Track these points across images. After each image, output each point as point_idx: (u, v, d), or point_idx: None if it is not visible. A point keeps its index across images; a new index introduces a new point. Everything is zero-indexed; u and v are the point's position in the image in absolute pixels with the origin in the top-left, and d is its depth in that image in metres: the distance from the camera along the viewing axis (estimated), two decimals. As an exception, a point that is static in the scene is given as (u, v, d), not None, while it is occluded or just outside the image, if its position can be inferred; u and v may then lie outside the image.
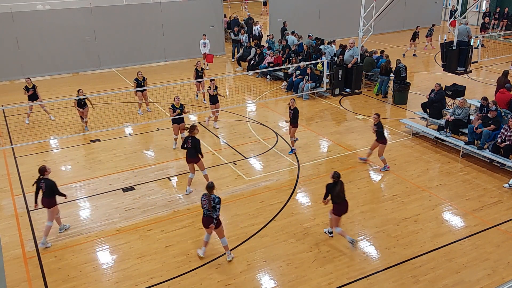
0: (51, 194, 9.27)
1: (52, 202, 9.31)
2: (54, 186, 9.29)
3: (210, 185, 8.37)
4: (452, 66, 17.18)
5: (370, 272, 8.45)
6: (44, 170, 9.31)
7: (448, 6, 33.28)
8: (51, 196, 9.29)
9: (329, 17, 27.16)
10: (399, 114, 16.10)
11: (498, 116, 12.42)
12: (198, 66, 16.73)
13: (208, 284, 8.24)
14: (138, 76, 15.78)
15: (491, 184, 11.40)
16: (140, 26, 22.75)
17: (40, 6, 20.83)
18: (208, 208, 8.32)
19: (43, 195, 9.32)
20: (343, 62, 18.00)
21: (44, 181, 9.24)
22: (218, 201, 8.30)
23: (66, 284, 8.32)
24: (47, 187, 9.22)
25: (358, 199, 10.81)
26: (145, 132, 15.08)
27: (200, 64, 16.82)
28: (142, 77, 15.81)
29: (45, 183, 9.24)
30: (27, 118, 15.74)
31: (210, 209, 8.29)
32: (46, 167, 9.38)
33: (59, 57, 21.51)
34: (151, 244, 9.35)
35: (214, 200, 8.27)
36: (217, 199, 8.30)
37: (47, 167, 9.41)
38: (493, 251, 8.97)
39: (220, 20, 24.84)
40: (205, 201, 8.31)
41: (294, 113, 12.60)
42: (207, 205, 8.31)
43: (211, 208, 8.28)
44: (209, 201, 8.27)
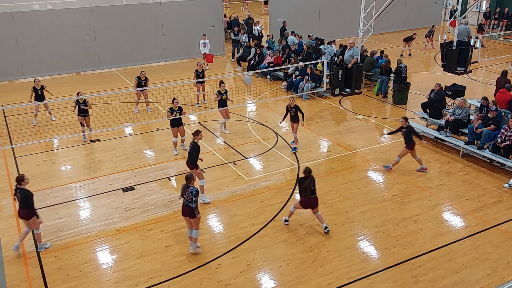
0: (27, 205, 8.72)
1: (30, 213, 8.79)
2: (30, 198, 8.68)
3: (189, 176, 8.70)
4: (452, 66, 17.18)
5: (370, 272, 8.45)
6: (22, 179, 8.76)
7: (448, 6, 33.29)
8: (28, 208, 8.75)
9: (329, 17, 27.16)
10: (399, 114, 16.08)
11: (498, 116, 12.42)
12: (199, 68, 16.71)
13: (208, 284, 8.24)
14: (141, 75, 15.84)
15: (491, 184, 11.40)
16: (140, 26, 22.75)
17: (36, 6, 20.79)
18: (187, 199, 8.64)
19: (19, 207, 8.81)
20: (343, 62, 18.00)
21: (19, 191, 8.71)
22: (196, 193, 8.56)
23: (66, 284, 8.32)
24: (21, 198, 8.68)
25: (358, 199, 10.81)
26: (145, 132, 15.08)
27: (200, 65, 16.80)
28: (145, 77, 15.89)
29: (20, 193, 8.70)
30: (34, 119, 15.63)
31: (189, 199, 8.60)
32: (24, 177, 8.79)
33: (59, 57, 21.51)
34: (151, 244, 9.35)
35: (192, 192, 8.56)
36: (195, 191, 8.57)
37: (26, 177, 8.81)
38: (493, 251, 8.97)
39: (220, 20, 24.84)
40: (185, 191, 8.66)
41: (296, 111, 12.73)
42: (186, 196, 8.64)
43: (189, 199, 8.59)
44: (187, 192, 8.58)
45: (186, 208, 8.78)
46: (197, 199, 8.59)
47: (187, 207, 8.73)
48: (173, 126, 13.00)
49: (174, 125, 12.97)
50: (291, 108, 12.76)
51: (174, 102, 12.73)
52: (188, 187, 8.64)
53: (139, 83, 15.75)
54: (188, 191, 8.61)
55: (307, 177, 9.14)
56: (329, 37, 23.80)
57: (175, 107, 12.72)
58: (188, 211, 8.76)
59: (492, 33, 28.84)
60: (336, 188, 11.32)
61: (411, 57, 23.78)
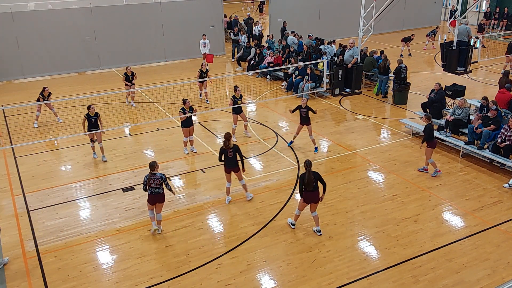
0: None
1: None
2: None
3: (153, 164, 9.15)
4: (452, 66, 17.18)
5: (370, 272, 8.45)
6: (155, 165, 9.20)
7: (448, 6, 33.29)
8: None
9: (329, 17, 27.16)
10: (399, 114, 16.10)
11: (498, 116, 12.42)
12: (203, 67, 16.88)
13: (208, 284, 8.25)
14: (127, 70, 16.64)
15: (491, 184, 11.40)
16: (140, 26, 22.75)
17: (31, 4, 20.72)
18: (156, 186, 9.08)
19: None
20: (343, 62, 18.01)
21: None
22: (164, 177, 9.16)
23: (66, 284, 8.32)
24: None
25: (358, 199, 10.81)
26: (145, 132, 15.08)
27: (205, 66, 17.03)
28: (131, 72, 16.63)
29: None
30: (36, 122, 15.46)
31: (158, 186, 9.08)
32: None
33: (59, 57, 21.51)
34: (151, 244, 9.35)
35: (161, 177, 9.11)
36: (163, 176, 9.14)
37: None
38: (493, 251, 8.97)
39: (220, 20, 24.83)
40: (152, 180, 9.07)
41: (307, 111, 12.66)
42: (154, 184, 9.07)
43: (159, 184, 9.08)
44: (155, 179, 9.04)
45: (154, 197, 9.22)
46: (167, 181, 9.22)
47: (156, 194, 9.18)
48: (184, 126, 12.94)
49: (185, 126, 12.93)
50: (302, 108, 12.68)
51: (186, 103, 12.65)
52: (155, 174, 9.07)
53: (127, 78, 16.55)
54: (155, 178, 9.05)
55: (308, 170, 9.04)
56: (329, 37, 23.81)
57: (187, 107, 12.67)
58: (157, 198, 9.24)
59: (492, 33, 28.82)
60: (336, 188, 11.32)
61: (411, 57, 23.79)
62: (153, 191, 9.17)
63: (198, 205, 10.72)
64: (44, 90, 15.07)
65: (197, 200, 10.91)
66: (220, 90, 19.18)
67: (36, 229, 9.90)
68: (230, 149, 10.19)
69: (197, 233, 9.66)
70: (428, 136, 11.44)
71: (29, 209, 10.68)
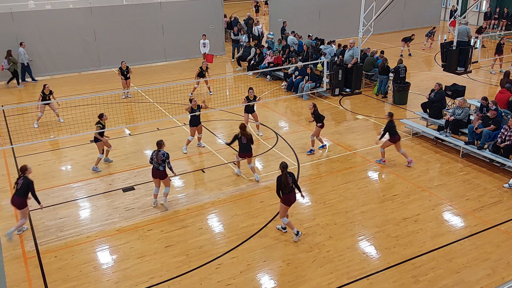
0: (25, 194, 9.26)
1: (24, 203, 9.31)
2: (31, 186, 9.32)
3: (160, 142, 10.14)
4: (452, 66, 17.18)
5: (370, 272, 8.45)
6: (25, 169, 9.42)
7: (448, 6, 33.29)
8: (25, 196, 9.28)
9: (329, 17, 27.17)
10: (399, 114, 16.10)
11: (498, 116, 12.42)
12: (204, 66, 17.34)
13: (208, 284, 8.25)
14: (122, 65, 17.09)
15: (491, 184, 11.40)
16: (140, 26, 22.75)
17: (31, 2, 20.76)
18: (158, 162, 9.99)
19: (15, 194, 9.27)
20: (343, 62, 18.01)
21: (23, 179, 9.30)
22: (167, 156, 10.07)
23: (66, 284, 8.32)
24: (23, 186, 9.24)
25: (358, 199, 10.81)
26: (145, 132, 15.07)
27: (205, 65, 17.44)
28: (126, 66, 17.14)
29: (23, 181, 9.27)
30: (36, 122, 15.41)
31: (160, 162, 9.99)
32: (27, 166, 9.50)
33: (59, 57, 21.50)
34: (151, 244, 9.35)
35: (164, 155, 10.00)
36: (166, 154, 10.06)
37: (29, 167, 9.55)
38: (493, 251, 8.97)
39: (220, 20, 24.83)
40: (155, 156, 10.02)
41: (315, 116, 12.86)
42: (157, 159, 10.00)
43: (160, 161, 9.98)
44: (158, 155, 9.96)
45: (156, 171, 10.17)
46: (169, 160, 10.08)
47: (157, 170, 10.12)
48: (192, 125, 13.00)
49: (194, 125, 13.00)
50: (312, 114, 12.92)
51: (192, 102, 12.83)
52: (160, 151, 10.02)
53: (122, 72, 17.02)
54: (159, 154, 9.98)
55: (284, 173, 8.92)
56: (329, 37, 23.81)
57: (194, 106, 12.79)
58: (158, 173, 10.18)
59: (492, 33, 28.82)
60: (336, 188, 11.32)
61: (411, 57, 23.80)
62: (155, 166, 10.09)
63: (198, 205, 10.72)
64: (45, 87, 15.08)
65: (197, 200, 10.91)
66: (220, 90, 19.19)
67: (36, 229, 9.90)
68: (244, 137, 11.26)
69: (197, 233, 9.67)
70: (390, 133, 12.00)
71: (29, 209, 10.66)
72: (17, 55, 19.91)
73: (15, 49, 19.87)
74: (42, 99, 14.93)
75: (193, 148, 13.60)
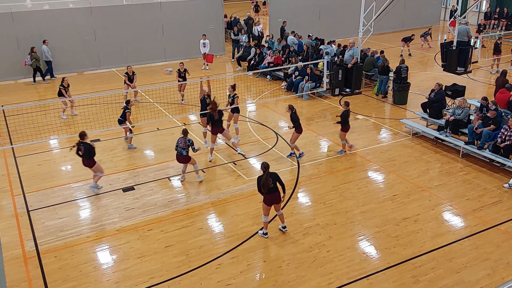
0: (90, 156, 10.82)
1: (92, 162, 10.95)
2: (92, 149, 10.82)
3: (185, 130, 11.30)
4: (452, 66, 17.18)
5: (370, 272, 8.45)
6: (84, 135, 10.78)
7: (448, 6, 33.30)
8: (91, 157, 10.86)
9: (329, 17, 27.16)
10: (399, 114, 16.10)
11: (498, 116, 12.42)
12: (181, 67, 17.07)
13: (208, 284, 8.25)
14: (128, 70, 16.98)
15: (491, 184, 11.40)
16: (140, 26, 22.74)
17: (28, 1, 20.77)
18: (183, 147, 11.07)
19: (83, 157, 10.86)
20: (343, 62, 18.00)
21: (83, 145, 10.73)
22: (192, 142, 11.17)
23: (66, 284, 8.32)
24: (85, 150, 10.72)
25: (358, 199, 10.81)
26: (145, 132, 15.07)
27: (182, 66, 17.16)
28: (132, 71, 16.96)
29: (84, 146, 10.72)
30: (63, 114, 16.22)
31: (185, 147, 11.06)
32: (85, 132, 10.83)
33: (59, 57, 21.49)
34: (151, 244, 9.35)
35: (189, 141, 11.12)
36: (191, 140, 11.16)
37: (86, 133, 10.86)
38: (493, 251, 8.97)
39: (220, 20, 24.83)
40: (182, 141, 11.10)
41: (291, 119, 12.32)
42: (182, 144, 11.08)
43: (185, 146, 11.05)
44: (185, 141, 11.06)
45: (180, 156, 11.24)
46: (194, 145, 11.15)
47: (181, 155, 11.19)
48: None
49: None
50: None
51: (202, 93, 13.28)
52: (185, 137, 11.10)
53: (129, 78, 16.91)
54: (186, 140, 11.06)
55: (265, 172, 8.94)
56: (329, 37, 23.81)
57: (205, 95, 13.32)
58: (182, 158, 11.26)
59: (492, 33, 28.82)
60: (336, 188, 11.32)
61: (411, 57, 23.80)
62: (179, 151, 11.15)
63: (198, 205, 10.73)
64: (64, 80, 15.85)
65: (197, 200, 10.91)
66: (220, 90, 19.17)
67: (36, 229, 9.90)
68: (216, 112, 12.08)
69: (197, 233, 9.67)
70: (343, 122, 12.62)
71: (29, 209, 10.68)
72: (40, 52, 20.25)
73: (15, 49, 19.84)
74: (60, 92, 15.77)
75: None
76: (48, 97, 18.36)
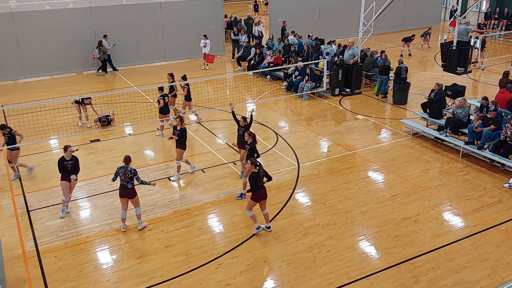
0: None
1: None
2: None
3: (127, 158, 9.40)
4: (452, 66, 17.18)
5: (370, 272, 8.45)
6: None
7: (448, 6, 33.29)
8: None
9: (329, 17, 27.17)
10: (399, 114, 16.10)
11: (498, 116, 12.42)
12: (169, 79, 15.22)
13: (208, 284, 8.25)
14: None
15: (491, 184, 11.40)
16: (140, 26, 22.75)
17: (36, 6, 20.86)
18: (126, 179, 9.25)
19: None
20: (343, 62, 18.00)
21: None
22: (134, 172, 9.31)
23: (66, 284, 8.32)
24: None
25: (358, 199, 10.81)
26: (145, 132, 15.07)
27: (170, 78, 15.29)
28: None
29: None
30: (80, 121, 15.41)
31: (128, 180, 9.25)
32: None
33: (59, 57, 21.51)
34: (151, 244, 9.35)
35: (131, 172, 9.26)
36: (133, 171, 9.30)
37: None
38: (493, 251, 8.97)
39: (220, 20, 24.84)
40: (122, 173, 9.24)
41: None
42: (124, 177, 9.23)
43: (128, 178, 9.24)
44: (126, 172, 9.22)
45: (124, 190, 9.36)
46: (139, 176, 9.39)
47: (125, 188, 9.34)
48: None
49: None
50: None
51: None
52: (127, 168, 9.26)
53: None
54: (127, 171, 9.21)
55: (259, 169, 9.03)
56: (329, 37, 23.80)
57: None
58: (126, 192, 9.37)
59: (492, 33, 28.82)
60: (336, 188, 11.32)
61: (411, 57, 23.80)
62: (122, 184, 9.34)
63: (198, 205, 10.72)
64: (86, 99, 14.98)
65: (197, 200, 10.91)
66: (220, 90, 19.20)
67: (36, 229, 9.90)
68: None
69: (197, 233, 9.67)
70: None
71: (29, 209, 10.68)
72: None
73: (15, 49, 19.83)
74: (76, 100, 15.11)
75: (193, 149, 13.59)
76: (48, 97, 18.32)
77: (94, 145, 14.11)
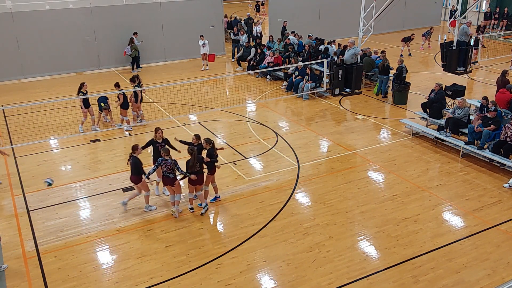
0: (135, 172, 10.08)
1: (139, 179, 10.12)
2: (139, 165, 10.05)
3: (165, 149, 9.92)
4: (452, 66, 17.18)
5: (370, 272, 8.45)
6: (136, 148, 10.11)
7: (448, 6, 33.29)
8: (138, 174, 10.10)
9: (329, 17, 27.16)
10: (399, 114, 16.10)
11: (498, 116, 12.43)
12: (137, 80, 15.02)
13: (208, 284, 8.25)
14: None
15: (491, 184, 11.40)
16: (140, 26, 22.73)
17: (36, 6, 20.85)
18: (168, 170, 9.81)
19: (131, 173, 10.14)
20: (343, 62, 17.97)
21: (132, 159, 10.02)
22: (175, 162, 9.86)
23: (66, 284, 8.32)
24: (132, 164, 10.01)
25: (358, 199, 10.81)
26: (145, 132, 15.06)
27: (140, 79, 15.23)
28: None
29: (131, 160, 10.01)
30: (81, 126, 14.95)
31: (170, 171, 9.81)
32: (138, 147, 10.15)
33: (59, 57, 21.50)
34: (151, 244, 9.35)
35: (172, 163, 9.80)
36: (174, 161, 9.85)
37: (139, 147, 10.18)
38: (493, 251, 8.97)
39: (220, 20, 24.84)
40: (164, 165, 9.79)
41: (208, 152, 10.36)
42: (166, 168, 9.79)
43: (170, 169, 9.80)
44: (167, 164, 9.77)
45: (166, 179, 9.98)
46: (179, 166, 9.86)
47: (167, 177, 9.91)
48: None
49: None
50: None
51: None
52: (167, 160, 9.76)
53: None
54: (167, 163, 9.74)
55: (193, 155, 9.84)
56: (329, 37, 23.81)
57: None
58: (168, 181, 9.97)
59: (492, 33, 28.83)
60: (336, 188, 11.32)
61: (411, 57, 23.80)
62: (165, 174, 9.92)
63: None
64: (83, 85, 14.34)
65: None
66: (220, 90, 19.20)
67: (36, 229, 9.90)
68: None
69: (197, 233, 9.67)
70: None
71: (29, 209, 10.68)
72: None
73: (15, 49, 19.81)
74: (84, 100, 14.44)
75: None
76: (49, 97, 18.31)
77: (94, 145, 14.11)
